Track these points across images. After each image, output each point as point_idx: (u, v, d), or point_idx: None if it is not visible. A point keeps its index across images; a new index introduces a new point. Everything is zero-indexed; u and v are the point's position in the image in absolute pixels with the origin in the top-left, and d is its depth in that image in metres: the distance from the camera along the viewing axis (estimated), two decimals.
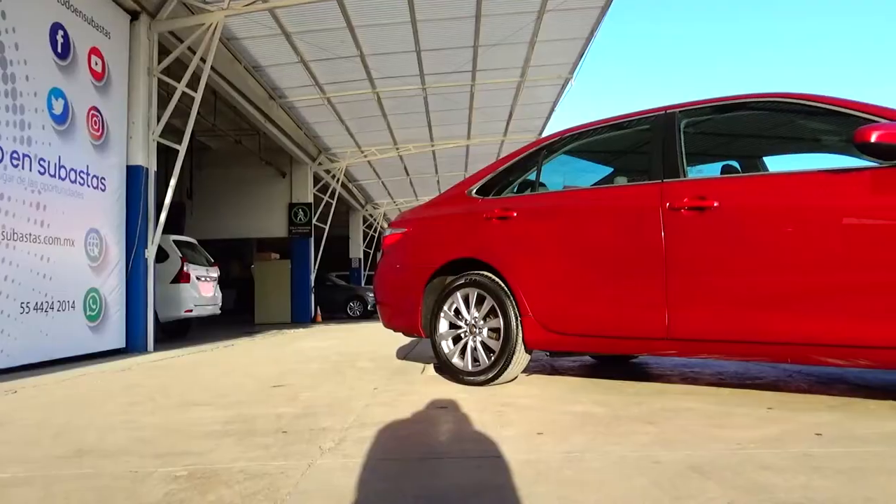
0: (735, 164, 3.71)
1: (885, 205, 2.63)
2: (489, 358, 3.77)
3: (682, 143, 3.37)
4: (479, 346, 3.84)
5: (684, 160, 3.33)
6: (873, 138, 2.56)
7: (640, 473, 1.96)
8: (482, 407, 3.14)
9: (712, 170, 3.74)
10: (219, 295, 11.05)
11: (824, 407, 2.92)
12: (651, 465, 2.04)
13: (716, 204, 3.05)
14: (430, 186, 21.53)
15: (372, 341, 7.89)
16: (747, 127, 3.76)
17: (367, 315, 18.47)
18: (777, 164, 3.83)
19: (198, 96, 8.17)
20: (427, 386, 3.90)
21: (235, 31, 9.43)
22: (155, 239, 7.70)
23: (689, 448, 2.25)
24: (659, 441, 2.36)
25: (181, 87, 7.94)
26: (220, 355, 6.77)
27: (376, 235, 27.05)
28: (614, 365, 4.71)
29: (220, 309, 11.13)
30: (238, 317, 17.66)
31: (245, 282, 19.24)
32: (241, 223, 16.57)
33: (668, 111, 3.50)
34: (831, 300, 2.72)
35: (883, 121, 2.71)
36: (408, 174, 19.83)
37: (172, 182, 8.03)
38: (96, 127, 6.87)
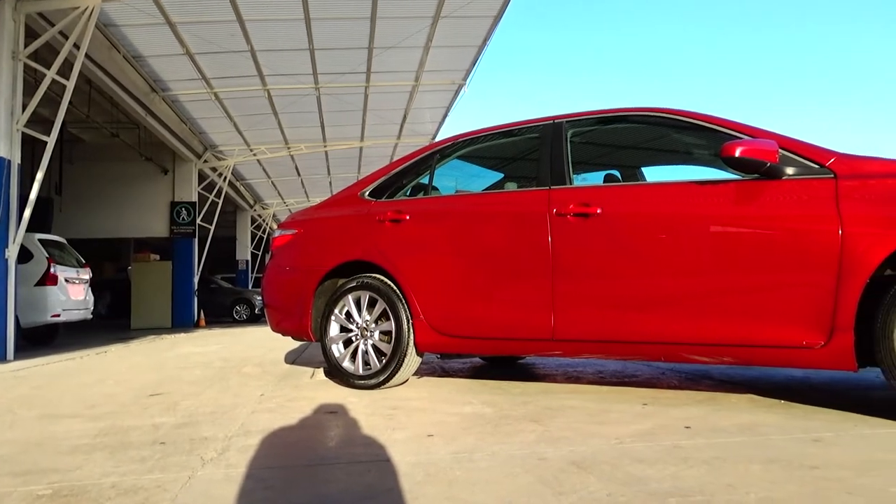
0: (616, 173, 3.91)
1: (746, 214, 2.86)
2: (380, 361, 3.75)
3: (569, 152, 3.51)
4: (371, 350, 3.81)
5: (570, 168, 3.47)
6: (737, 153, 2.78)
7: (526, 471, 2.02)
8: (372, 410, 3.13)
9: (596, 178, 3.93)
10: (90, 298, 10.29)
11: (692, 402, 3.13)
12: (537, 463, 2.11)
13: (599, 211, 3.20)
14: (323, 187, 21.17)
15: (259, 346, 7.64)
16: (627, 138, 3.98)
17: (254, 319, 17.92)
18: (654, 174, 4.08)
19: (70, 84, 7.58)
20: (316, 391, 3.83)
21: (114, 17, 8.83)
22: (17, 238, 7.06)
23: (572, 444, 2.34)
24: (544, 439, 2.44)
25: (51, 73, 7.34)
26: (91, 363, 6.31)
27: (265, 237, 26.24)
28: (502, 366, 4.83)
29: (92, 313, 10.38)
30: (112, 322, 16.58)
31: (121, 284, 18.10)
32: (117, 222, 15.54)
33: (556, 121, 3.64)
34: (699, 302, 2.93)
35: (746, 137, 2.95)
36: (299, 174, 19.39)
37: (39, 176, 7.40)
38: None
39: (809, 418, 2.67)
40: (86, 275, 10.16)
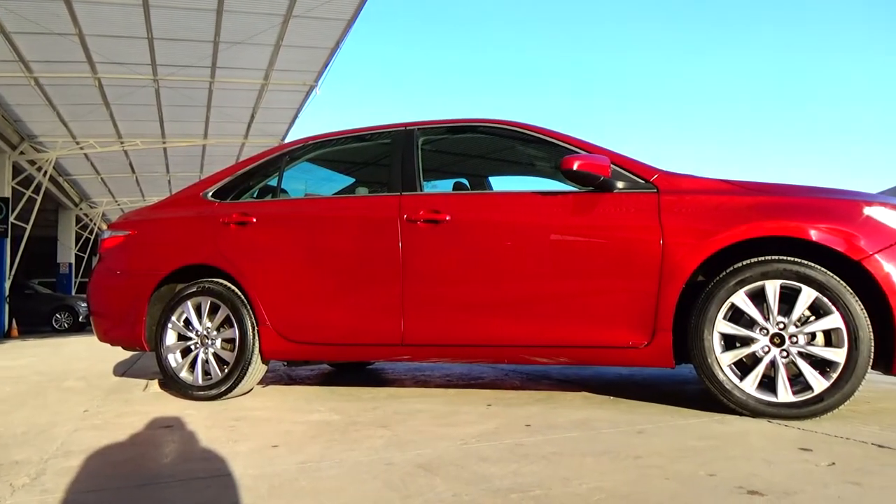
0: (465, 181, 4.03)
1: (581, 224, 3.07)
2: (222, 370, 3.57)
3: (420, 159, 3.57)
4: (212, 359, 3.62)
5: (421, 175, 3.52)
6: (575, 166, 2.97)
7: (374, 477, 2.01)
8: (213, 423, 2.96)
9: (445, 185, 4.03)
10: None
11: (533, 401, 3.30)
12: (384, 468, 2.11)
13: (448, 218, 3.27)
14: (161, 186, 19.82)
15: (83, 357, 6.97)
16: (476, 148, 4.12)
17: (78, 328, 16.35)
18: (500, 183, 4.26)
19: None
20: (149, 404, 3.56)
21: None
22: None
23: (419, 448, 2.37)
24: (392, 443, 2.45)
25: None
26: None
27: (93, 238, 24.07)
28: (352, 372, 4.79)
29: None
30: None
31: None
32: None
33: (408, 127, 3.68)
34: (539, 306, 3.09)
35: (583, 152, 3.16)
36: (134, 172, 18.02)
37: None
38: None
39: (634, 412, 2.91)
40: None
